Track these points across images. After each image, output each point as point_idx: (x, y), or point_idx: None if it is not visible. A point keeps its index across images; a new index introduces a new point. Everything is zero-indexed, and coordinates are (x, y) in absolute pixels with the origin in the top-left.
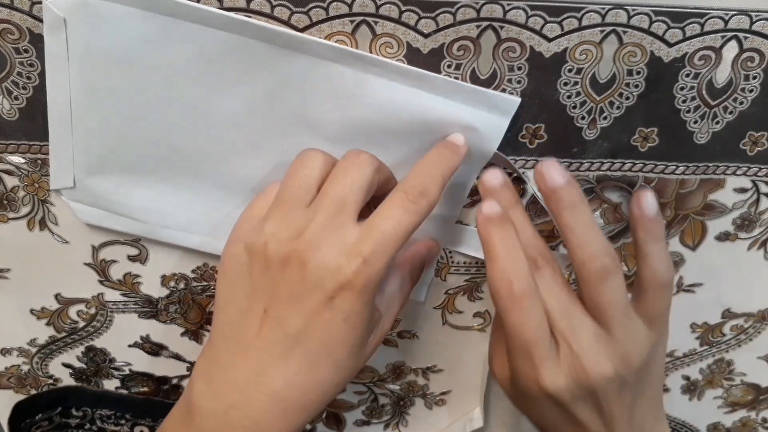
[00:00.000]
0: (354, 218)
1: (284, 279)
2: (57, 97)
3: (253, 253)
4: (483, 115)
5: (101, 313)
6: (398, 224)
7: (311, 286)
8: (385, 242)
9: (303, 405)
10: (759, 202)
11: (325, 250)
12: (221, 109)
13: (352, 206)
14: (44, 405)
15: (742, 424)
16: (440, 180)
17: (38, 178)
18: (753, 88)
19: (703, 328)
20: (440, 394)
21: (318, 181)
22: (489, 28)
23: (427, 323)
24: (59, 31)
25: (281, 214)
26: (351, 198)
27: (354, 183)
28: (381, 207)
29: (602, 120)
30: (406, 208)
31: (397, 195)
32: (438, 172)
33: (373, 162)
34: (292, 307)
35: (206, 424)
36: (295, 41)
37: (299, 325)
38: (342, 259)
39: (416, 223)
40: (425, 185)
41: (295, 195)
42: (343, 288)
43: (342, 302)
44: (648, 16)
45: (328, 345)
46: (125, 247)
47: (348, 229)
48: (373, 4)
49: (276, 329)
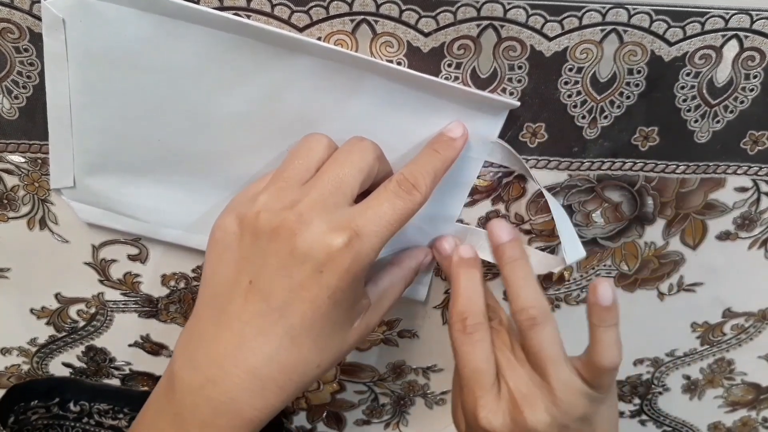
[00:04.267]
0: (350, 200)
1: (273, 249)
2: (56, 97)
3: (244, 223)
4: (478, 116)
5: (101, 313)
6: (391, 209)
7: (300, 257)
8: (378, 222)
9: (282, 384)
10: (759, 201)
11: (317, 224)
12: (221, 110)
13: (349, 187)
14: (41, 392)
15: (742, 423)
16: (433, 174)
17: (38, 177)
18: (753, 87)
19: (704, 328)
20: (440, 394)
21: (319, 162)
22: (489, 27)
23: (427, 323)
24: (58, 32)
25: (277, 189)
26: (349, 179)
27: (354, 165)
28: (375, 193)
29: (603, 119)
30: (399, 196)
31: (391, 184)
32: (431, 167)
33: (375, 149)
34: (279, 279)
35: (185, 399)
36: (294, 42)
37: (284, 297)
38: (333, 233)
39: (409, 212)
40: (418, 178)
41: (294, 172)
42: (331, 260)
43: (329, 276)
44: (648, 15)
45: (311, 320)
46: (125, 246)
47: (342, 208)
48: (373, 3)
49: (260, 302)
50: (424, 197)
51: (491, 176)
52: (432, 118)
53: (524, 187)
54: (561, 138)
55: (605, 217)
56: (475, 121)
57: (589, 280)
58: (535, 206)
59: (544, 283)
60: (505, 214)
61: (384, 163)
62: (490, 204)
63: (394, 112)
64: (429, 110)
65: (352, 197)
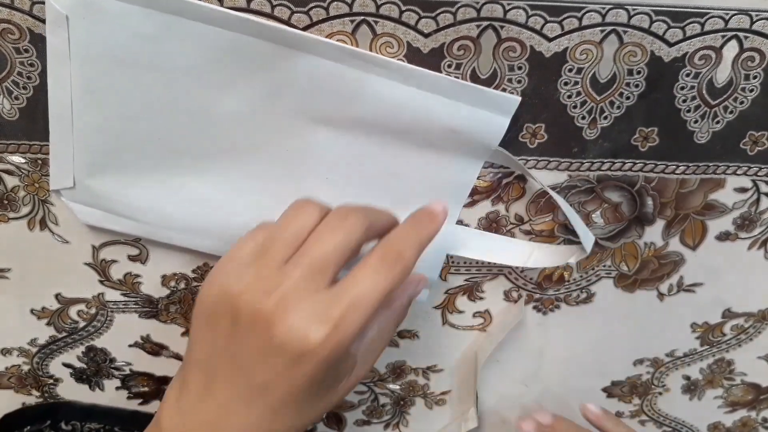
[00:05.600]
0: (330, 281)
1: (253, 335)
2: (58, 95)
3: (226, 301)
4: (483, 114)
5: (102, 313)
6: (372, 289)
7: (277, 348)
8: (357, 307)
9: None
10: (759, 201)
11: (294, 314)
12: (222, 109)
13: (330, 270)
14: (33, 417)
15: (742, 423)
16: (417, 246)
17: (38, 178)
18: (753, 87)
19: (704, 328)
20: (440, 394)
21: (306, 233)
22: (489, 27)
23: (427, 323)
24: (61, 29)
25: (260, 267)
26: (331, 261)
27: (337, 247)
28: (356, 269)
29: (603, 120)
30: (381, 273)
31: (373, 258)
32: (415, 238)
33: (361, 225)
34: (258, 362)
35: None
36: (297, 40)
37: (264, 378)
38: (311, 326)
39: (391, 288)
40: (401, 250)
41: (278, 249)
42: (308, 352)
43: (306, 366)
44: (648, 15)
45: (293, 396)
46: (126, 247)
47: (321, 293)
48: (373, 4)
49: (242, 377)
50: (407, 270)
51: (491, 177)
52: (435, 116)
53: (524, 187)
54: (561, 138)
55: (605, 218)
56: (477, 121)
57: (589, 281)
58: (535, 207)
59: (543, 283)
60: (505, 215)
61: (374, 231)
62: (490, 204)
63: (396, 111)
64: (431, 110)
65: (334, 276)
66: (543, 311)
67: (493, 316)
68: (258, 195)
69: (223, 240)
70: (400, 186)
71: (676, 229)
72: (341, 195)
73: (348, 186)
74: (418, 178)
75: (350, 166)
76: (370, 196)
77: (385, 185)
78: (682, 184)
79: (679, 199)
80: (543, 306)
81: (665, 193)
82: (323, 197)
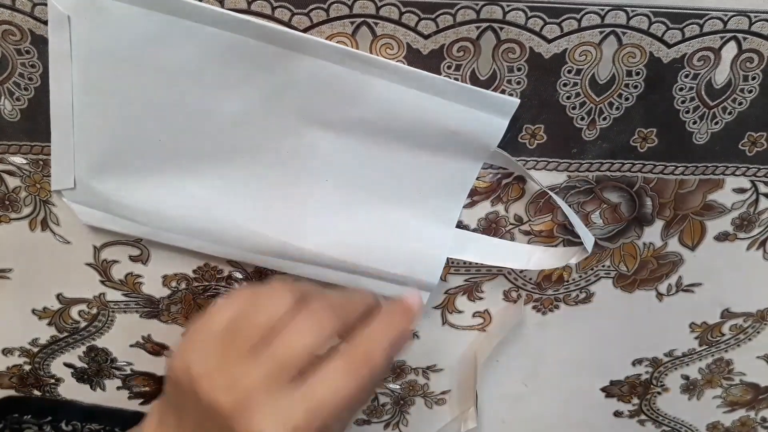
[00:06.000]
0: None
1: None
2: (60, 95)
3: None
4: (482, 116)
5: (103, 313)
6: (336, 392)
7: None
8: (321, 411)
9: None
10: (758, 202)
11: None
12: (223, 110)
13: (295, 369)
14: (34, 409)
15: (741, 423)
16: (388, 347)
17: (40, 178)
18: (752, 88)
19: (702, 328)
20: (440, 394)
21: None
22: (489, 29)
23: (427, 323)
24: (63, 30)
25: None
26: (296, 362)
27: (305, 348)
28: (322, 370)
29: (602, 121)
30: (347, 376)
31: (340, 361)
32: (386, 339)
33: (332, 328)
34: None
35: None
36: (297, 41)
37: None
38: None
39: (357, 391)
40: (370, 352)
41: (247, 335)
42: None
43: None
44: (647, 17)
45: None
46: (127, 247)
47: (284, 392)
48: (373, 6)
49: None
50: (375, 373)
51: (491, 177)
52: (434, 117)
53: (523, 188)
54: (560, 139)
55: (604, 218)
56: (476, 122)
57: (588, 281)
58: (535, 207)
59: (543, 283)
60: (504, 216)
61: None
62: (490, 205)
63: (395, 113)
64: (431, 111)
65: (300, 372)
66: (542, 311)
67: (493, 316)
68: (258, 196)
69: (224, 243)
70: (399, 187)
71: (675, 230)
72: (341, 196)
73: (348, 187)
74: (417, 179)
75: (350, 167)
76: (370, 197)
77: (384, 186)
78: (681, 185)
79: (678, 200)
80: (542, 306)
81: (664, 194)
82: (323, 199)
